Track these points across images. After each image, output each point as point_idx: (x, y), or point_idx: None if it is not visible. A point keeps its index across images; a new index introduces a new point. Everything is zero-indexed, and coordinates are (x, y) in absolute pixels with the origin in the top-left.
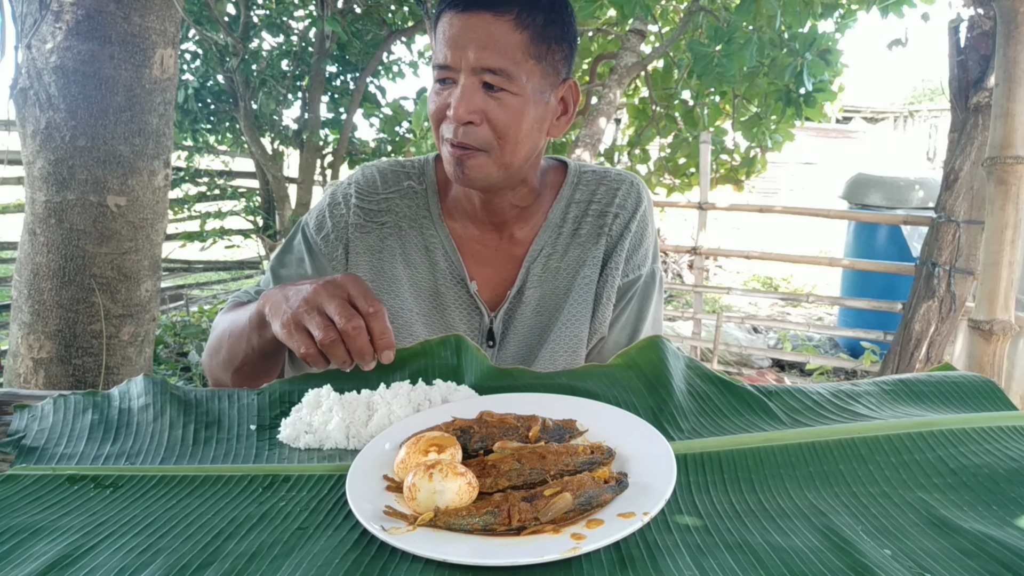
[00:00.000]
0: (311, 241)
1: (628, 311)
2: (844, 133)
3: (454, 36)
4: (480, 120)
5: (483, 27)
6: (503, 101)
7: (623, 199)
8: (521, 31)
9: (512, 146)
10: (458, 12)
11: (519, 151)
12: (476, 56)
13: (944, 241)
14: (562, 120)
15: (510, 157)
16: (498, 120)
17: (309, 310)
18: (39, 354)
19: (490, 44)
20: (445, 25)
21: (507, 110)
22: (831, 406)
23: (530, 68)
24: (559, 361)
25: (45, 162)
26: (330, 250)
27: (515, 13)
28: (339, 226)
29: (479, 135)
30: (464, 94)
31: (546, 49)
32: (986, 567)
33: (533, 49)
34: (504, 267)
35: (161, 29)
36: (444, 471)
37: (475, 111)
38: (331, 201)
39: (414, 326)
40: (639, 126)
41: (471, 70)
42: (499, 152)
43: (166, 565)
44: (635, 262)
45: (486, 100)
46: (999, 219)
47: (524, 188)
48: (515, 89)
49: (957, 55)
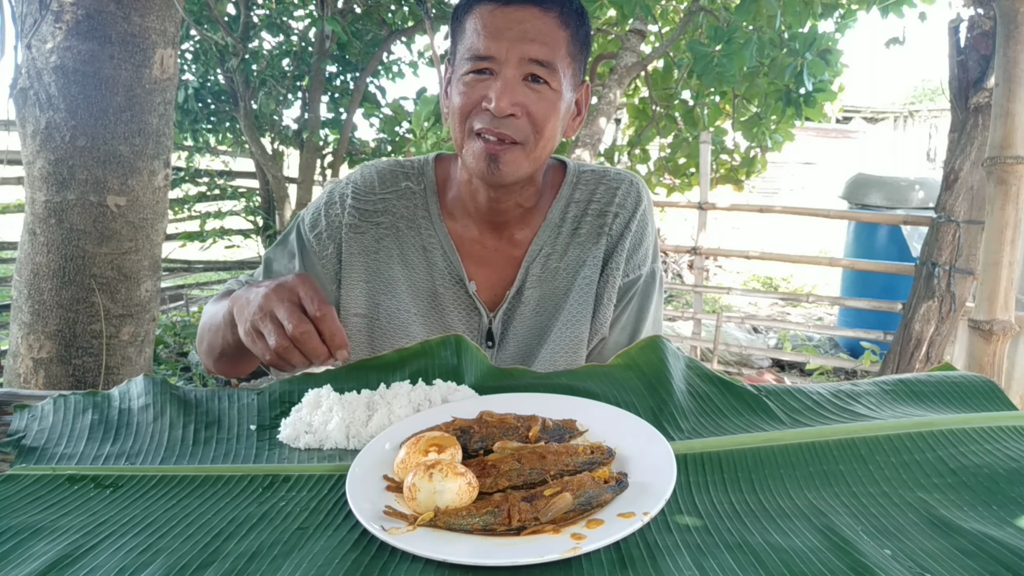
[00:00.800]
0: (304, 238)
1: (629, 311)
2: (844, 133)
3: (497, 27)
4: (521, 112)
5: (531, 20)
6: (543, 94)
7: (623, 198)
8: (564, 28)
9: (545, 140)
10: (501, 5)
11: (549, 146)
12: (526, 48)
13: (944, 241)
14: (576, 121)
15: (541, 151)
16: (537, 113)
17: (263, 317)
18: (39, 354)
19: (539, 37)
20: (483, 17)
21: (546, 103)
22: (831, 406)
23: (567, 65)
24: (559, 362)
25: (45, 162)
26: (321, 248)
27: (559, 10)
28: (333, 225)
29: (518, 126)
30: (507, 86)
31: (578, 49)
32: (986, 567)
33: (572, 47)
34: (503, 267)
35: (161, 29)
36: (444, 471)
37: (518, 103)
38: (328, 200)
39: (412, 326)
40: (639, 126)
41: (518, 61)
42: (533, 145)
43: (166, 565)
44: (635, 262)
45: (527, 92)
46: (999, 219)
47: (531, 187)
48: (555, 84)
49: (957, 55)
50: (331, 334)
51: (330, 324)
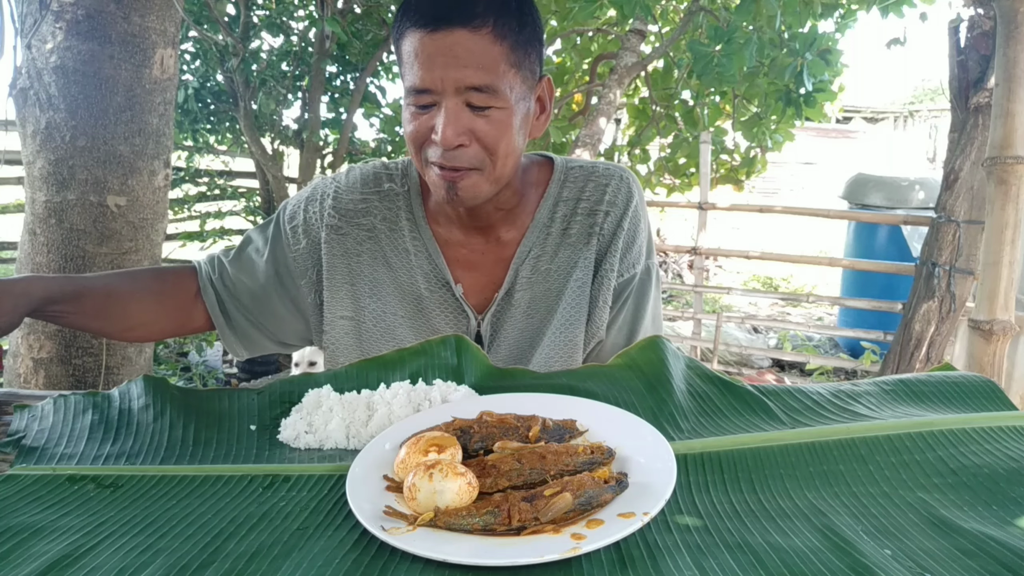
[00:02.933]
0: (281, 226)
1: (625, 310)
2: (844, 133)
3: (429, 57)
4: (469, 140)
5: (462, 44)
6: (490, 117)
7: (613, 196)
8: (501, 42)
9: (503, 160)
10: (429, 31)
11: (508, 163)
12: (460, 75)
13: (944, 241)
14: (541, 119)
15: (501, 171)
16: (487, 137)
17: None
18: (39, 354)
19: (472, 62)
20: (415, 45)
21: (495, 125)
22: (831, 406)
23: (512, 78)
24: (555, 366)
25: (45, 162)
26: (294, 241)
27: (491, 25)
28: (309, 222)
29: (469, 155)
30: (450, 117)
31: (523, 54)
32: (986, 567)
33: (513, 58)
34: (491, 270)
35: (161, 29)
36: (444, 471)
37: (464, 132)
38: (310, 195)
39: (398, 329)
40: (639, 126)
41: (456, 91)
42: (491, 168)
43: (166, 565)
44: (630, 260)
45: (473, 119)
46: (999, 219)
47: (507, 191)
48: (501, 103)
49: (957, 55)
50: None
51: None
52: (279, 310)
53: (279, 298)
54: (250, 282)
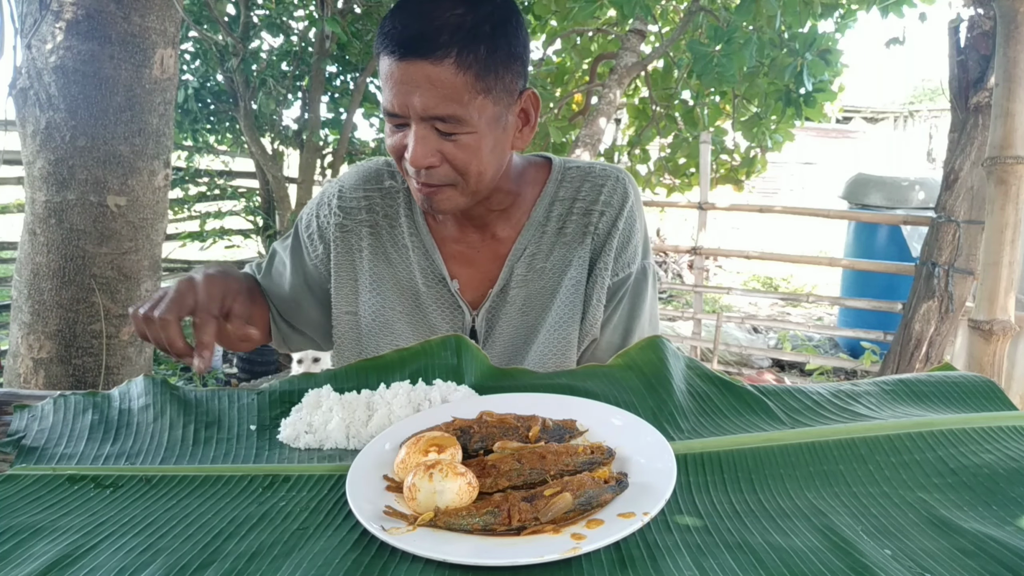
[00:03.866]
0: (300, 235)
1: (620, 310)
2: (844, 133)
3: (396, 84)
4: (440, 161)
5: (423, 75)
6: (458, 141)
7: (608, 196)
8: (464, 72)
9: (476, 177)
10: (397, 59)
11: (484, 178)
12: (422, 105)
13: (944, 241)
14: (525, 131)
15: (475, 186)
16: (456, 159)
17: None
18: (39, 354)
19: (433, 92)
20: (386, 69)
21: (464, 149)
22: (831, 406)
23: (479, 104)
24: (548, 364)
25: (45, 162)
26: (312, 248)
27: (454, 56)
28: (322, 226)
29: (441, 174)
30: (418, 141)
31: (494, 78)
32: (986, 567)
33: (480, 85)
34: (487, 266)
35: (161, 29)
36: (444, 471)
37: (432, 154)
38: (320, 200)
39: (396, 324)
40: (639, 126)
41: (419, 118)
42: (464, 184)
43: (166, 565)
44: (624, 260)
45: (441, 142)
46: (999, 219)
47: (499, 194)
48: (467, 129)
49: (957, 55)
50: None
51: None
52: (312, 315)
53: (310, 305)
54: (281, 293)
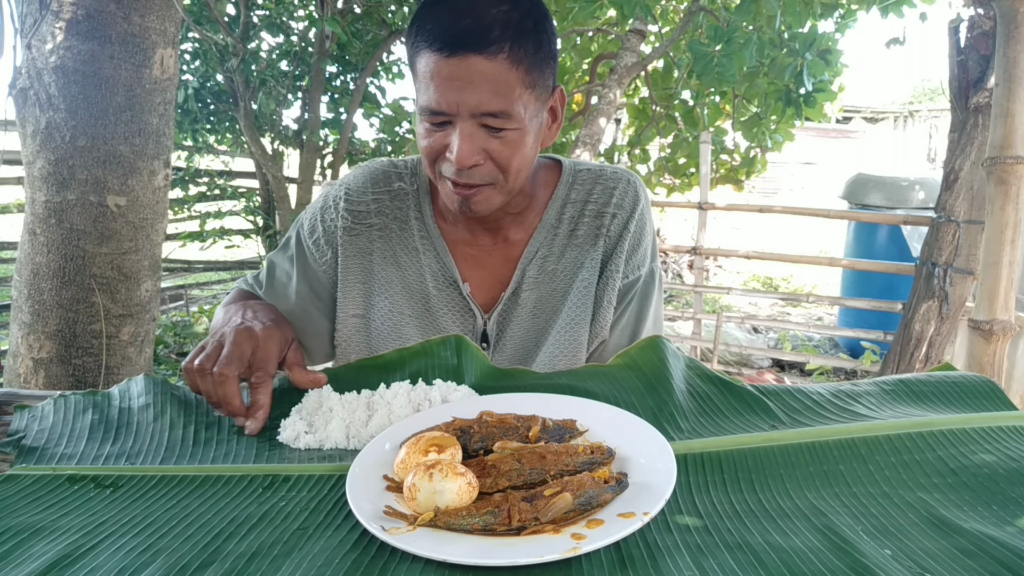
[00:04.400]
0: (304, 243)
1: (628, 312)
2: (844, 133)
3: (444, 80)
4: (484, 159)
5: (476, 71)
6: (504, 139)
7: (620, 198)
8: (516, 67)
9: (515, 175)
10: (444, 56)
11: (521, 176)
12: (475, 102)
13: (944, 241)
14: (553, 128)
15: (513, 184)
16: (501, 156)
17: (214, 343)
18: (39, 354)
19: (487, 88)
20: (429, 66)
21: (509, 145)
22: (831, 406)
23: (526, 99)
24: (558, 365)
25: (45, 162)
26: (320, 254)
27: (507, 50)
28: (329, 231)
29: (483, 173)
30: (464, 139)
31: (539, 74)
32: (986, 567)
33: (528, 80)
34: (499, 269)
35: (161, 29)
36: (444, 471)
37: (478, 152)
38: (323, 205)
39: (406, 328)
40: (639, 126)
41: (469, 115)
42: (503, 183)
43: (166, 565)
44: (635, 262)
45: (487, 140)
46: (999, 219)
47: (518, 196)
48: (515, 125)
49: (957, 55)
50: (254, 402)
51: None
52: (320, 325)
53: (319, 314)
54: (286, 306)
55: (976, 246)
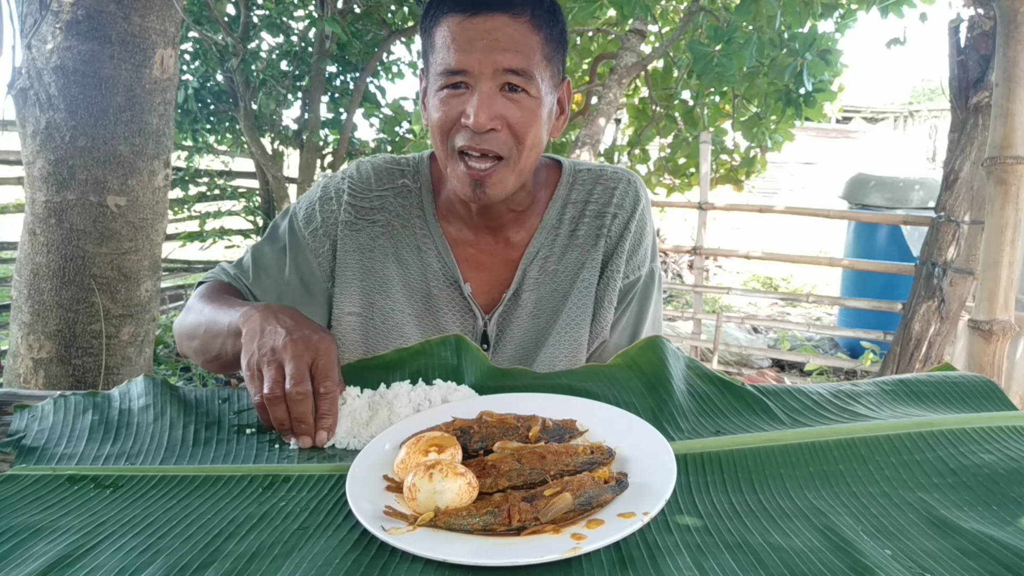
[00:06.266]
0: (299, 233)
1: (629, 312)
2: (844, 133)
3: (467, 39)
4: (502, 125)
5: (502, 29)
6: (521, 103)
7: (621, 198)
8: (537, 32)
9: (528, 150)
10: (468, 16)
11: (533, 154)
12: (499, 58)
13: (944, 241)
14: (560, 120)
15: (525, 161)
16: (518, 123)
17: (270, 361)
18: (39, 354)
19: (511, 46)
20: (452, 29)
21: (526, 112)
22: (831, 406)
23: (543, 69)
24: (559, 365)
25: (45, 162)
26: (317, 245)
27: (529, 14)
28: (328, 222)
29: (500, 140)
30: (484, 99)
31: (554, 49)
32: (986, 567)
33: (547, 50)
34: (500, 270)
35: (161, 29)
36: (444, 471)
37: (497, 116)
38: (323, 195)
39: (406, 327)
40: (639, 126)
41: (492, 73)
42: (516, 157)
43: (166, 565)
44: (635, 262)
45: (505, 104)
46: (999, 219)
47: (522, 192)
48: (533, 91)
49: (957, 55)
50: (324, 413)
51: (328, 405)
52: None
53: (307, 308)
54: (274, 298)
55: (976, 246)
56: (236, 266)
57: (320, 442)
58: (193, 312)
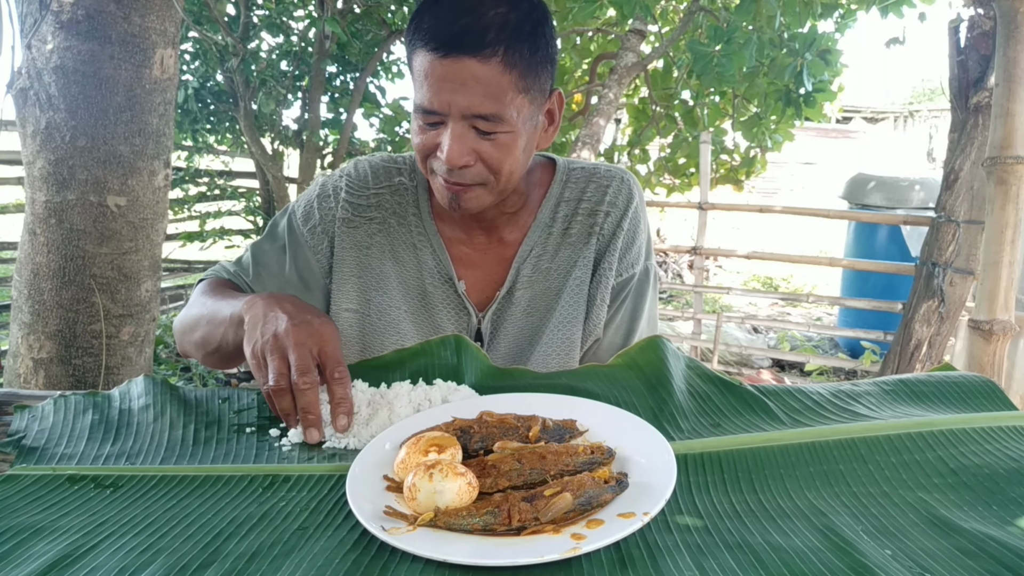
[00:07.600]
0: (297, 231)
1: (623, 311)
2: (844, 133)
3: (437, 81)
4: (474, 160)
5: (469, 73)
6: (496, 140)
7: (614, 196)
8: (510, 71)
9: (506, 177)
10: (439, 56)
11: (513, 178)
12: (466, 103)
13: (944, 241)
14: (550, 131)
15: (504, 185)
16: (491, 158)
17: (274, 349)
18: (39, 354)
19: (479, 90)
20: (424, 66)
21: (500, 148)
22: (831, 406)
23: (519, 103)
24: (552, 363)
25: (45, 162)
26: (316, 242)
27: (501, 54)
28: (326, 219)
29: (473, 174)
30: (455, 140)
31: (533, 78)
32: (986, 567)
33: (522, 84)
34: (493, 268)
35: (161, 29)
36: (444, 471)
37: (468, 154)
38: (321, 193)
39: (402, 324)
40: (639, 126)
41: (462, 115)
42: (494, 184)
43: (166, 565)
44: (628, 260)
45: (478, 141)
46: (999, 219)
47: (513, 195)
48: (506, 128)
49: (957, 55)
50: (340, 399)
51: (343, 390)
52: None
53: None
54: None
55: (976, 246)
56: (236, 264)
57: (341, 428)
58: (195, 306)
